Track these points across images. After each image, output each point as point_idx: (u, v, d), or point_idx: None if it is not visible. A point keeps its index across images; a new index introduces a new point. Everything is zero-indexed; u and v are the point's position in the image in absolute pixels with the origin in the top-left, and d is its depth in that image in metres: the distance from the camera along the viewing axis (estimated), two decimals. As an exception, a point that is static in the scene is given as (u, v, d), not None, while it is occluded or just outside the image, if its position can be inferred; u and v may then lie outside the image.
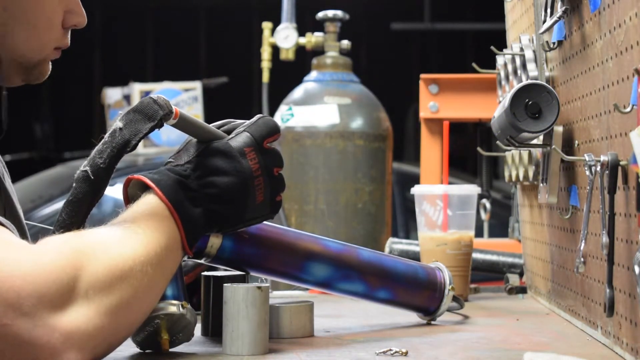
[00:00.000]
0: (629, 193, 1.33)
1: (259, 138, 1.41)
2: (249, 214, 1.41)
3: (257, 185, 1.40)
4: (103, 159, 1.32)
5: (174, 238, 1.33)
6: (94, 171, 1.32)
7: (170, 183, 1.35)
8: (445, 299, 1.69)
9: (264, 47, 2.89)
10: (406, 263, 1.69)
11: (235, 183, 1.37)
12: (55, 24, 1.47)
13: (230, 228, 1.42)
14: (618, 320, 1.41)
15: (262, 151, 1.41)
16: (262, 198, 1.40)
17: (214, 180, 1.37)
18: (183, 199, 1.35)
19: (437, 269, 1.71)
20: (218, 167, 1.38)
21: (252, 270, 1.55)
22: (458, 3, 9.43)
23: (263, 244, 1.52)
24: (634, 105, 1.27)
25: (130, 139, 1.32)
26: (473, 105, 2.73)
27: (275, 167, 1.42)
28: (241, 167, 1.38)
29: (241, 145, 1.39)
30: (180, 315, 1.38)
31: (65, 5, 1.48)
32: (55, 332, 1.15)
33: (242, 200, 1.39)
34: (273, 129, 1.43)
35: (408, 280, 1.66)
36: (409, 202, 2.48)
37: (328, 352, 1.42)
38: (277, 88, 3.09)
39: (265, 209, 1.43)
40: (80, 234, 1.26)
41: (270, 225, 1.55)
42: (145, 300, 1.27)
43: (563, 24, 1.66)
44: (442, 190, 2.03)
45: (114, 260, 1.22)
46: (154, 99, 1.34)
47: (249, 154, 1.39)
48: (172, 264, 1.34)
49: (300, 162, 2.64)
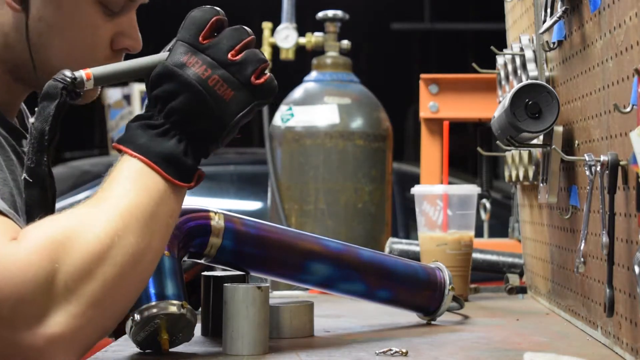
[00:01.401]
0: (629, 193, 1.33)
1: (190, 39, 1.32)
2: (227, 115, 1.30)
3: (213, 85, 1.29)
4: (30, 159, 1.27)
5: (155, 184, 1.27)
6: (29, 174, 1.27)
7: (132, 133, 1.29)
8: (445, 298, 1.69)
9: (264, 47, 2.88)
10: (406, 263, 1.69)
11: (189, 97, 1.28)
12: (100, 45, 1.43)
13: (220, 139, 1.32)
14: (618, 320, 1.41)
15: (202, 48, 1.31)
16: (230, 92, 1.30)
17: (172, 107, 1.29)
18: (150, 140, 1.28)
19: (437, 268, 1.71)
20: (168, 91, 1.29)
21: (252, 270, 1.54)
22: (458, 3, 9.44)
23: (263, 244, 1.52)
24: (634, 105, 1.27)
25: (43, 127, 1.26)
26: (473, 105, 2.73)
27: (230, 50, 1.31)
28: (186, 79, 1.29)
29: (177, 57, 1.31)
30: (180, 315, 1.38)
31: (117, 27, 1.44)
32: (37, 338, 1.13)
33: (207, 108, 1.29)
34: (201, 20, 1.33)
35: (408, 280, 1.66)
36: (409, 202, 2.47)
37: (328, 352, 1.42)
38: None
39: (247, 97, 1.31)
40: (56, 219, 1.21)
41: (271, 225, 1.55)
42: (135, 270, 1.22)
43: (563, 24, 1.66)
44: (442, 190, 2.03)
45: (90, 243, 1.18)
46: (53, 77, 1.28)
47: (188, 60, 1.30)
48: (168, 209, 1.27)
49: (300, 162, 2.63)
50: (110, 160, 4.48)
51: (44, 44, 1.41)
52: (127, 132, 1.30)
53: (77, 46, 1.42)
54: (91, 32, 1.42)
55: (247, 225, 1.52)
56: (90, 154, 7.95)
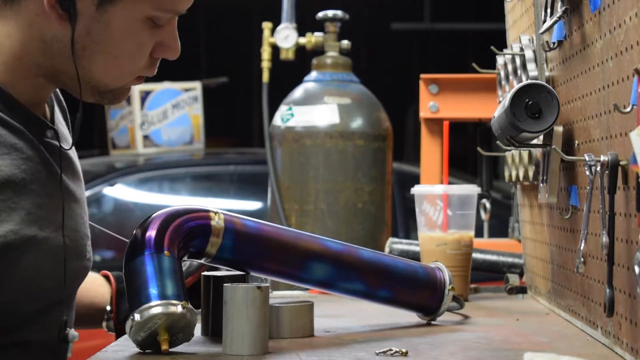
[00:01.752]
0: (629, 193, 1.33)
1: None
2: None
3: None
4: None
5: None
6: None
7: None
8: (445, 298, 1.69)
9: (264, 47, 2.88)
10: (406, 262, 1.69)
11: None
12: (141, 56, 1.46)
13: None
14: (618, 320, 1.41)
15: None
16: None
17: None
18: None
19: (437, 268, 1.71)
20: None
21: (252, 270, 1.54)
22: (458, 3, 9.43)
23: (263, 244, 1.52)
24: (634, 105, 1.27)
25: None
26: (473, 105, 2.73)
27: None
28: None
29: None
30: (181, 315, 1.38)
31: (158, 37, 1.46)
32: None
33: None
34: None
35: (408, 280, 1.66)
36: (409, 202, 2.47)
37: (328, 352, 1.42)
38: (277, 88, 3.08)
39: None
40: None
41: (271, 225, 1.55)
42: None
43: (563, 24, 1.66)
44: (442, 190, 2.03)
45: None
46: None
47: None
48: None
49: (300, 162, 2.63)
50: (111, 160, 4.49)
51: (88, 56, 1.43)
52: None
53: (121, 59, 1.44)
54: (137, 46, 1.45)
55: (247, 225, 1.52)
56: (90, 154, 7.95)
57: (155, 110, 4.75)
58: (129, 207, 4.26)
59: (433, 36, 9.38)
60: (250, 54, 8.13)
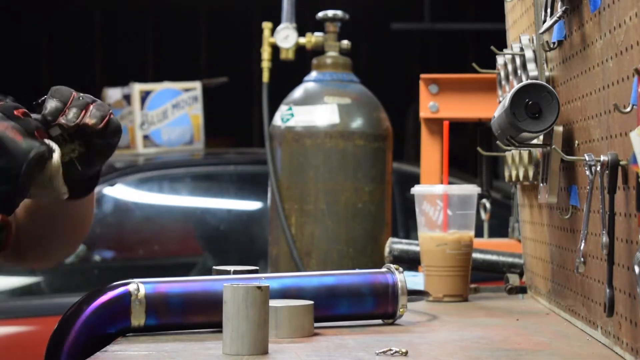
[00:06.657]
0: (629, 193, 1.33)
1: None
2: None
3: None
4: None
5: None
6: None
7: None
8: (399, 300, 1.66)
9: (264, 47, 2.88)
10: (351, 277, 1.68)
11: None
12: None
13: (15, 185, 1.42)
14: (618, 320, 1.41)
15: None
16: (20, 137, 1.41)
17: None
18: None
19: (387, 272, 1.68)
20: None
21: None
22: (458, 3, 9.43)
23: (188, 313, 1.56)
24: (634, 105, 1.27)
25: None
26: (473, 105, 2.73)
27: None
28: None
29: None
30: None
31: None
32: None
33: None
34: None
35: (354, 294, 1.65)
36: (409, 202, 2.47)
37: (328, 352, 1.42)
38: (277, 88, 3.08)
39: None
40: None
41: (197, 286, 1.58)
42: None
43: (563, 24, 1.66)
44: (442, 190, 2.03)
45: None
46: None
47: None
48: None
49: (300, 162, 2.63)
50: (110, 160, 4.50)
51: None
52: None
53: None
54: None
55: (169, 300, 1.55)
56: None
57: (155, 110, 4.75)
58: (129, 207, 4.26)
59: (433, 36, 9.38)
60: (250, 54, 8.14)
